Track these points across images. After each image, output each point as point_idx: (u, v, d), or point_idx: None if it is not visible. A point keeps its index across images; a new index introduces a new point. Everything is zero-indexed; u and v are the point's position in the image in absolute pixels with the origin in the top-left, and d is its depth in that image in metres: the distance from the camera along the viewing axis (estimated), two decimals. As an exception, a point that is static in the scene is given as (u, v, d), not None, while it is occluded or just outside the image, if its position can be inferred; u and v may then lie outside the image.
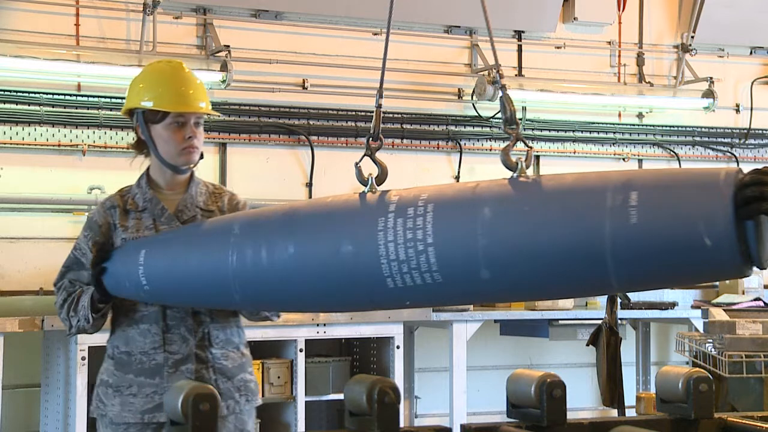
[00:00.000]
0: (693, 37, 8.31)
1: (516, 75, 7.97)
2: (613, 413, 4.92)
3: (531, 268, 2.40)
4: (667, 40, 8.50)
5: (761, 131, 8.68)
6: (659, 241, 2.24)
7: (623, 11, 8.28)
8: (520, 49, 8.05)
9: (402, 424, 2.26)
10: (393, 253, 2.54)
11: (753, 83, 8.67)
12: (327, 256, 2.66)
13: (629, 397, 5.17)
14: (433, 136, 7.77)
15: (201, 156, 3.43)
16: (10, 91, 6.64)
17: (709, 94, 8.28)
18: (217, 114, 3.66)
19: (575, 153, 8.17)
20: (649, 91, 8.37)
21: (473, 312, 6.91)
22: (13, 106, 6.64)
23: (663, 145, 8.42)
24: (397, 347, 6.57)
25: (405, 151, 7.65)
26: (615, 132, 8.30)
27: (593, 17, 8.10)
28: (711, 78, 8.28)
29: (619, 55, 8.34)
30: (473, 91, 7.63)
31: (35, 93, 6.70)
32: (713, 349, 4.96)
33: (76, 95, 6.81)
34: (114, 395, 3.35)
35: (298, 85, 7.42)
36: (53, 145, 6.74)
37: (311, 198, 6.90)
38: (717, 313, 5.91)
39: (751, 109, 8.65)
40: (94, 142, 6.81)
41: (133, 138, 3.47)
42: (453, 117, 7.83)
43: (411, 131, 7.68)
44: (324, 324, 6.37)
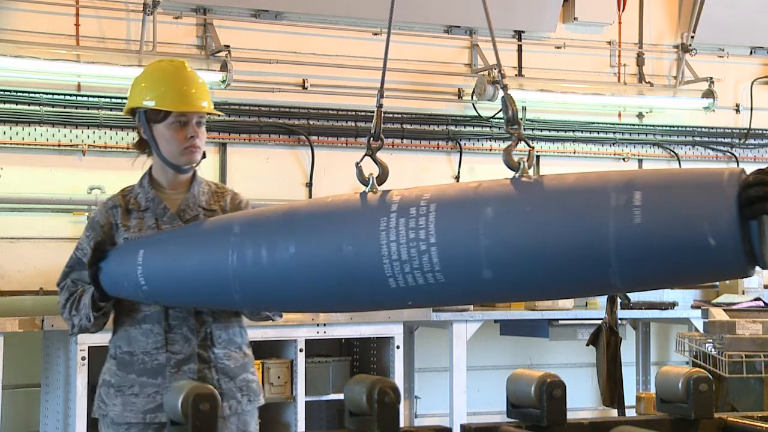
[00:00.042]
0: (693, 37, 8.31)
1: (516, 75, 7.96)
2: (613, 413, 4.92)
3: (534, 268, 2.39)
4: (667, 40, 8.50)
5: (761, 131, 8.68)
6: (663, 241, 2.24)
7: (623, 11, 8.28)
8: (520, 49, 8.05)
9: (402, 424, 2.26)
10: (395, 253, 2.53)
11: (753, 83, 8.67)
12: (328, 255, 2.65)
13: (629, 397, 5.17)
14: (433, 136, 7.77)
15: (203, 155, 3.43)
16: (10, 91, 6.64)
17: (709, 94, 8.28)
18: (220, 113, 3.64)
19: (575, 153, 8.17)
20: (649, 91, 8.37)
21: (473, 312, 6.90)
22: (13, 106, 6.64)
23: (663, 145, 8.42)
24: (397, 347, 6.57)
25: (405, 151, 7.64)
26: (615, 132, 8.30)
27: (593, 17, 8.10)
28: (711, 78, 8.28)
29: (619, 55, 8.34)
30: (473, 91, 7.63)
31: (35, 93, 6.70)
32: (713, 349, 4.96)
33: (76, 95, 6.81)
34: (116, 395, 3.35)
35: (298, 85, 7.42)
36: (53, 145, 6.74)
37: (311, 198, 6.89)
38: (717, 313, 5.91)
39: (751, 109, 8.65)
40: (94, 142, 6.81)
41: (134, 138, 3.47)
42: (453, 117, 7.83)
43: (411, 131, 7.68)
44: (324, 324, 6.37)
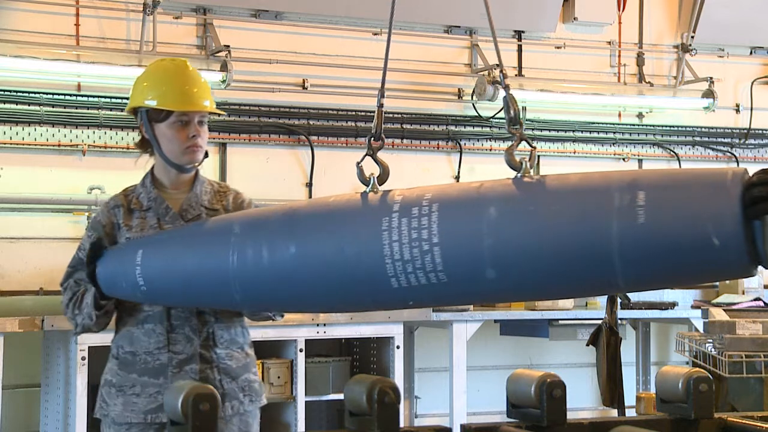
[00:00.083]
0: (693, 37, 8.31)
1: (516, 75, 7.96)
2: (613, 413, 4.92)
3: (537, 268, 2.39)
4: (667, 40, 8.50)
5: (761, 131, 8.68)
6: (667, 241, 2.24)
7: (623, 11, 8.28)
8: (520, 49, 8.05)
9: (402, 424, 2.25)
10: (398, 253, 2.53)
11: (753, 83, 8.67)
12: (330, 255, 2.65)
13: (629, 397, 5.17)
14: (434, 136, 7.77)
15: (206, 155, 3.42)
16: (10, 91, 6.64)
17: (709, 94, 8.27)
18: (223, 113, 3.63)
19: (575, 153, 8.17)
20: (649, 91, 8.37)
21: (473, 312, 6.90)
22: (13, 106, 6.64)
23: (663, 145, 8.42)
24: (397, 347, 6.57)
25: (405, 151, 7.64)
26: (615, 132, 8.30)
27: (593, 17, 8.10)
28: (711, 78, 8.28)
29: (619, 55, 8.33)
30: (473, 91, 7.63)
31: (35, 93, 6.70)
32: (713, 349, 4.96)
33: (76, 95, 6.81)
34: (117, 395, 3.35)
35: (298, 85, 7.42)
36: (53, 145, 6.74)
37: (311, 198, 6.89)
38: (717, 313, 5.91)
39: (751, 109, 8.65)
40: (94, 142, 6.81)
41: (134, 138, 3.47)
42: (453, 117, 7.83)
43: (411, 131, 7.68)
44: (324, 324, 6.37)
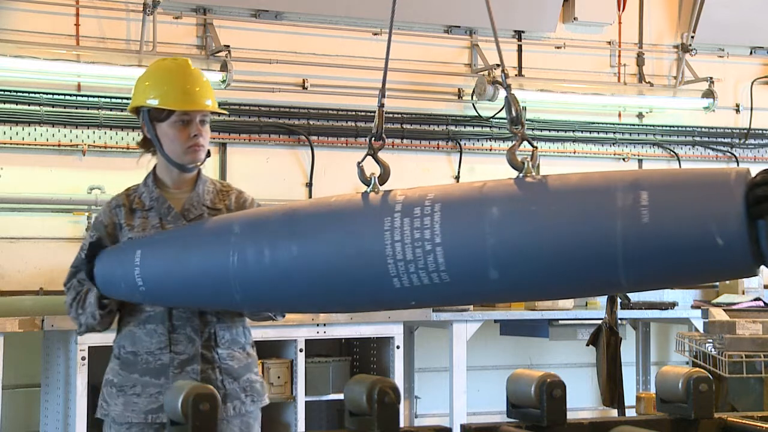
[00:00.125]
0: (693, 37, 8.30)
1: (516, 75, 7.96)
2: (613, 413, 4.91)
3: (540, 268, 2.39)
4: (667, 40, 8.50)
5: (761, 131, 8.67)
6: (671, 241, 2.24)
7: (623, 11, 8.28)
8: (520, 49, 8.05)
9: (402, 424, 2.25)
10: (400, 253, 2.52)
11: (753, 83, 8.67)
12: (331, 256, 2.65)
13: (629, 397, 5.17)
14: (434, 136, 7.77)
15: (208, 154, 3.41)
16: (10, 91, 6.64)
17: (709, 94, 8.27)
18: (225, 112, 3.61)
19: (575, 153, 8.17)
20: (649, 91, 8.37)
21: (473, 312, 6.90)
22: (13, 106, 6.64)
23: (663, 145, 8.42)
24: (397, 347, 6.57)
25: (405, 151, 7.64)
26: (615, 132, 8.30)
27: (593, 17, 8.10)
28: (711, 78, 8.28)
29: (619, 55, 8.33)
30: (473, 91, 7.62)
31: (35, 93, 6.70)
32: (713, 349, 4.96)
33: (76, 95, 6.81)
34: (117, 395, 3.35)
35: (298, 85, 7.42)
36: (53, 145, 6.74)
37: (311, 198, 6.89)
38: (717, 313, 5.91)
39: (751, 109, 8.65)
40: (94, 142, 6.80)
41: (134, 138, 3.47)
42: (453, 117, 7.83)
43: (411, 131, 7.67)
44: (324, 324, 6.37)
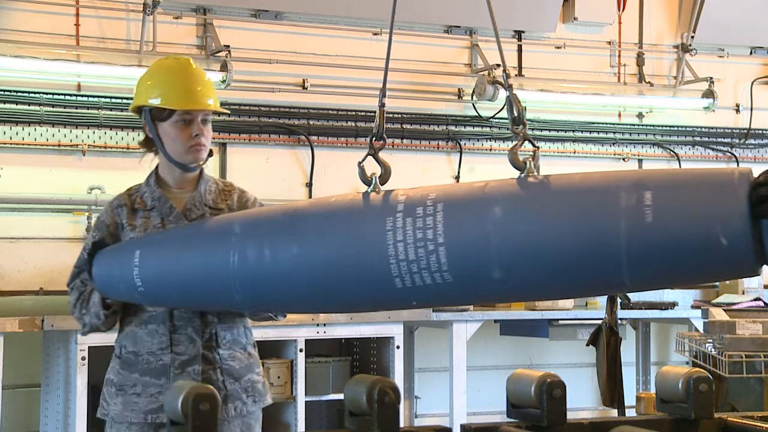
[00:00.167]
0: (693, 37, 8.30)
1: (516, 75, 7.96)
2: (613, 413, 4.91)
3: (543, 268, 2.39)
4: (667, 40, 8.50)
5: (761, 131, 8.67)
6: (674, 241, 2.24)
7: (623, 11, 8.28)
8: (520, 49, 8.05)
9: (402, 424, 2.25)
10: (402, 253, 2.52)
11: (753, 83, 8.67)
12: (333, 256, 2.65)
13: (629, 397, 5.17)
14: (433, 136, 7.77)
15: (210, 153, 3.41)
16: (10, 91, 6.64)
17: (709, 94, 8.27)
18: (226, 111, 3.59)
19: (575, 153, 8.17)
20: (649, 91, 8.37)
21: (473, 312, 6.90)
22: (13, 106, 6.64)
23: (663, 145, 8.42)
24: (397, 347, 6.57)
25: (405, 151, 7.64)
26: (615, 132, 8.30)
27: (593, 17, 8.10)
28: (711, 78, 8.27)
29: (619, 55, 8.33)
30: (473, 91, 7.63)
31: (35, 93, 6.70)
32: (713, 349, 4.96)
33: (76, 95, 6.81)
34: (117, 394, 3.35)
35: (298, 85, 7.42)
36: (53, 145, 6.74)
37: (311, 198, 6.89)
38: (717, 313, 5.91)
39: (751, 109, 8.65)
40: (94, 142, 6.80)
41: (134, 138, 3.47)
42: (453, 117, 7.82)
43: (411, 131, 7.67)
44: (324, 324, 6.37)
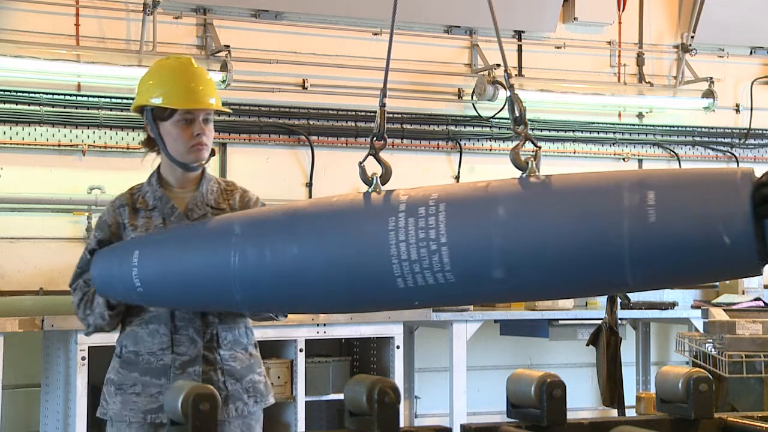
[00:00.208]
0: (693, 37, 8.30)
1: (516, 75, 7.95)
2: (613, 413, 4.91)
3: (545, 268, 2.39)
4: (667, 40, 8.49)
5: (761, 131, 8.67)
6: (677, 240, 2.25)
7: (623, 11, 8.27)
8: (520, 49, 8.05)
9: (402, 424, 2.25)
10: (404, 253, 2.52)
11: (753, 83, 8.67)
12: (334, 256, 2.64)
13: (629, 397, 5.17)
14: (433, 136, 7.77)
15: (212, 153, 3.40)
16: (10, 91, 6.64)
17: (709, 94, 8.27)
18: (228, 110, 3.58)
19: (575, 153, 8.17)
20: (649, 91, 8.37)
21: (473, 312, 6.90)
22: (13, 106, 6.64)
23: (663, 145, 8.42)
24: (397, 347, 6.57)
25: (405, 151, 7.64)
26: (615, 132, 8.30)
27: (593, 17, 8.10)
28: (711, 78, 8.27)
29: (619, 55, 8.33)
30: (473, 91, 7.63)
31: (35, 93, 6.70)
32: (713, 349, 4.96)
33: (76, 95, 6.81)
34: (116, 393, 3.34)
35: (298, 85, 7.42)
36: (53, 145, 6.74)
37: (311, 198, 6.89)
38: (717, 313, 5.91)
39: (751, 109, 8.64)
40: (94, 142, 6.80)
41: (134, 138, 3.46)
42: (453, 117, 7.82)
43: (411, 131, 7.67)
44: (324, 324, 6.37)
